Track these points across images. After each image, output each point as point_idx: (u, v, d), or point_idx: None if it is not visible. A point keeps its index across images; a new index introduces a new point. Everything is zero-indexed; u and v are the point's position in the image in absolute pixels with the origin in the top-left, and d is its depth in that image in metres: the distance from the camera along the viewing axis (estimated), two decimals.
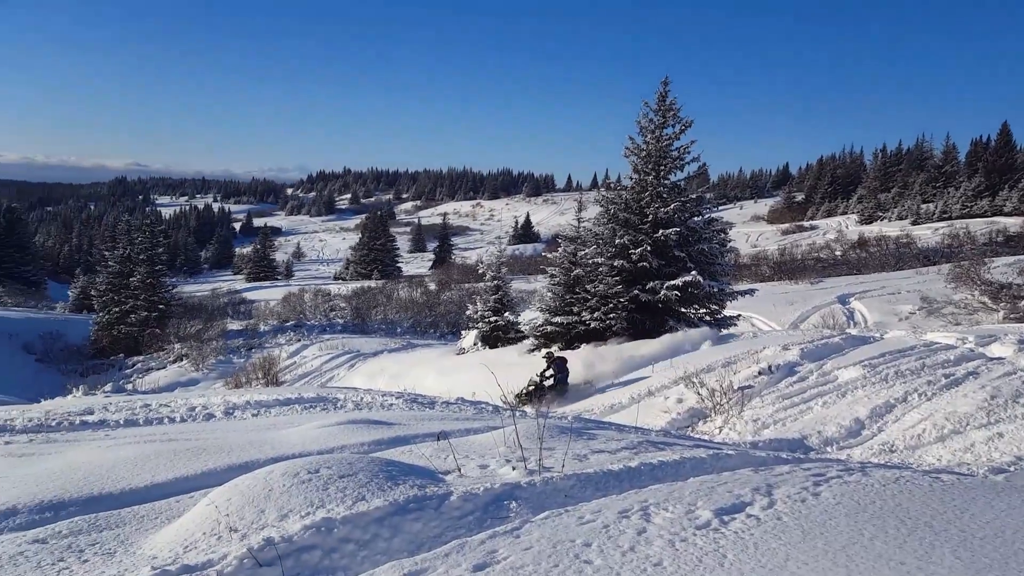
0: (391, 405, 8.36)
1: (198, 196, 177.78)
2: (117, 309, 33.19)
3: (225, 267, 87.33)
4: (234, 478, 3.77)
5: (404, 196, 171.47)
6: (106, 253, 40.37)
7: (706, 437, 8.45)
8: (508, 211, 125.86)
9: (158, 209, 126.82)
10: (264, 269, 71.32)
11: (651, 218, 17.20)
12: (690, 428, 9.38)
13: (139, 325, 32.56)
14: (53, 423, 7.43)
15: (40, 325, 32.39)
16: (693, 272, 16.54)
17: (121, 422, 7.55)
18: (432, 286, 45.18)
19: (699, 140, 17.69)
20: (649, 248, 16.81)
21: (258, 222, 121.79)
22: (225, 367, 26.16)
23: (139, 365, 29.46)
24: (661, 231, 16.79)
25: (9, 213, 56.59)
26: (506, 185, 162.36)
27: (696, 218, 17.91)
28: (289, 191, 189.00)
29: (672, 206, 17.05)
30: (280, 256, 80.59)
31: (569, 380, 13.50)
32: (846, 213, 68.38)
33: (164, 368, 28.21)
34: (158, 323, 33.02)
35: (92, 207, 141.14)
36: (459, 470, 4.06)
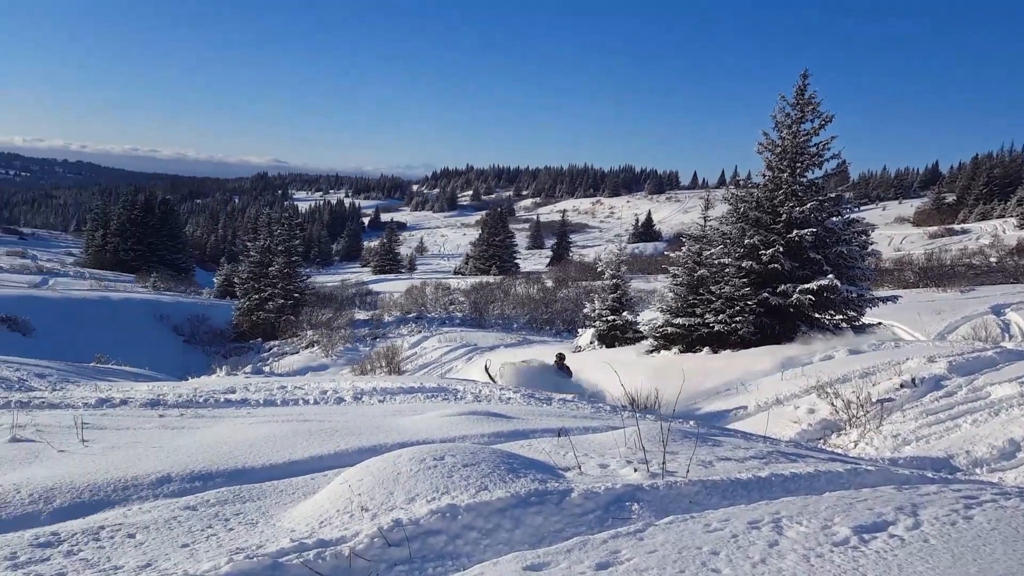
0: (509, 399, 8.46)
1: (331, 191, 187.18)
2: (257, 296, 35.55)
3: (354, 259, 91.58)
4: (364, 460, 3.93)
5: (524, 193, 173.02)
6: (248, 244, 43.31)
7: (839, 451, 7.98)
8: (629, 208, 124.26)
9: (295, 203, 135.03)
10: (389, 262, 74.21)
11: (784, 217, 16.42)
12: (822, 440, 8.90)
13: (276, 312, 34.72)
14: (200, 399, 8.06)
15: (188, 309, 35.12)
16: (830, 275, 15.66)
17: (260, 401, 8.09)
18: (549, 283, 45.34)
19: (839, 136, 16.69)
20: (781, 249, 16.06)
21: (385, 217, 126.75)
22: (352, 354, 27.43)
23: (275, 349, 31.43)
24: (795, 231, 15.99)
25: (164, 205, 61.72)
26: (627, 182, 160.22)
27: (834, 218, 16.91)
28: (414, 187, 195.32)
29: (808, 205, 16.20)
30: (404, 250, 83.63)
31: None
32: (1003, 216, 62.46)
33: (297, 353, 29.96)
34: (293, 310, 35.07)
35: (236, 200, 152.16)
36: (579, 467, 4.04)
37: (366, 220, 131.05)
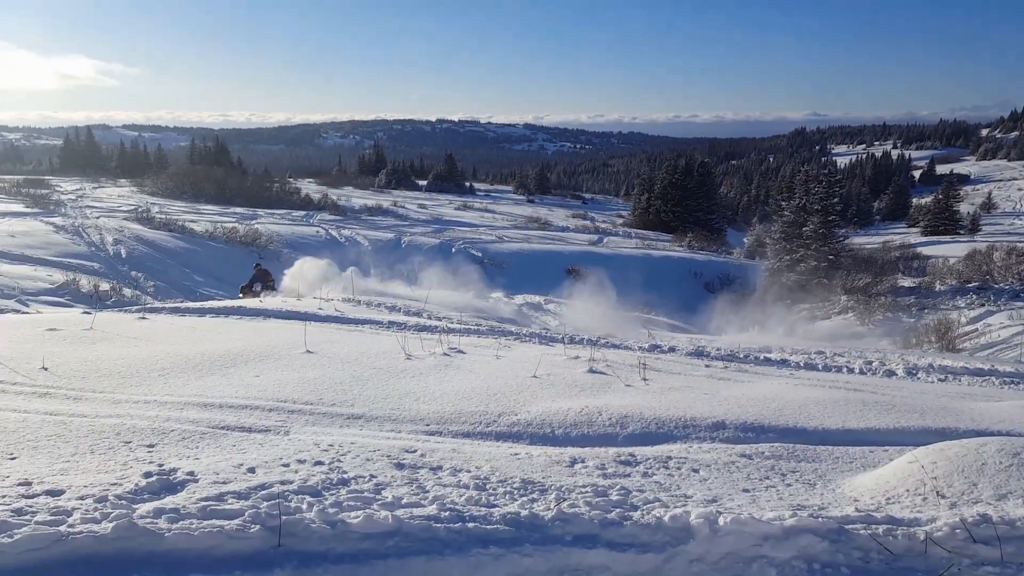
0: None
1: (876, 143, 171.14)
2: (788, 257, 35.12)
3: (898, 219, 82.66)
4: (929, 441, 3.58)
5: None
6: (783, 203, 42.83)
7: None
8: None
9: (834, 158, 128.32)
10: (944, 222, 64.52)
11: None
12: None
13: (807, 274, 33.79)
14: (741, 355, 8.39)
15: (719, 267, 36.85)
16: None
17: (801, 364, 8.01)
18: None
19: None
20: None
21: (942, 169, 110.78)
22: (892, 325, 24.99)
23: (804, 313, 30.65)
24: None
25: (701, 168, 65.17)
26: None
27: None
28: (984, 132, 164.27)
29: None
30: (965, 207, 71.63)
31: None
32: None
33: (828, 319, 28.65)
34: (826, 273, 33.63)
35: (771, 159, 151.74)
36: None
37: (916, 174, 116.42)
